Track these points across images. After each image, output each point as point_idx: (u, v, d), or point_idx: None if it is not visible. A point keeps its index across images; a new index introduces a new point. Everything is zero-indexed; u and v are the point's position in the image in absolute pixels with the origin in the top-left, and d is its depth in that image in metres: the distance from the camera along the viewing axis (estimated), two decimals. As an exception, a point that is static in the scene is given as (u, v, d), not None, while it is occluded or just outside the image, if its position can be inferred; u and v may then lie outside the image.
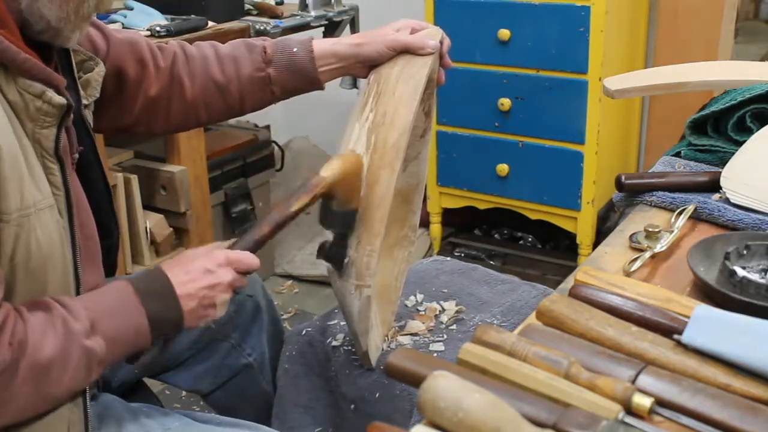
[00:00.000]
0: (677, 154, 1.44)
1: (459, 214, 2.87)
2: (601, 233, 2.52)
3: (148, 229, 2.25)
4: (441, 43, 1.26)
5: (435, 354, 1.29)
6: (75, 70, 1.12)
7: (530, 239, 2.91)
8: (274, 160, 2.89)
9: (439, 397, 0.70)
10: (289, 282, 2.88)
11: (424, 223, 2.64)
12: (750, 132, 1.32)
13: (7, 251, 0.91)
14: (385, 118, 1.16)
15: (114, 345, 0.97)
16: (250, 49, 1.31)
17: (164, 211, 2.31)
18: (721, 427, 0.73)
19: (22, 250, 0.92)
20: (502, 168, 2.60)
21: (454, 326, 1.37)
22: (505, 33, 2.46)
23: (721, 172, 1.23)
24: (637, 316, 0.88)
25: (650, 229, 1.10)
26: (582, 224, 2.55)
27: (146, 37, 1.47)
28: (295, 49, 1.30)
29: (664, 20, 2.53)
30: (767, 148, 1.25)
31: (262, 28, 2.35)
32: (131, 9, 2.29)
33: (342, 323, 1.37)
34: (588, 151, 2.46)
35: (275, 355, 1.45)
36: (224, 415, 1.21)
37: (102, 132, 1.45)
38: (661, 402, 0.76)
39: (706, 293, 0.96)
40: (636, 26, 2.66)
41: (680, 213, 1.15)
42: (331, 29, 2.60)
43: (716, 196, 1.22)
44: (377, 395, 1.26)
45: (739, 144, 1.30)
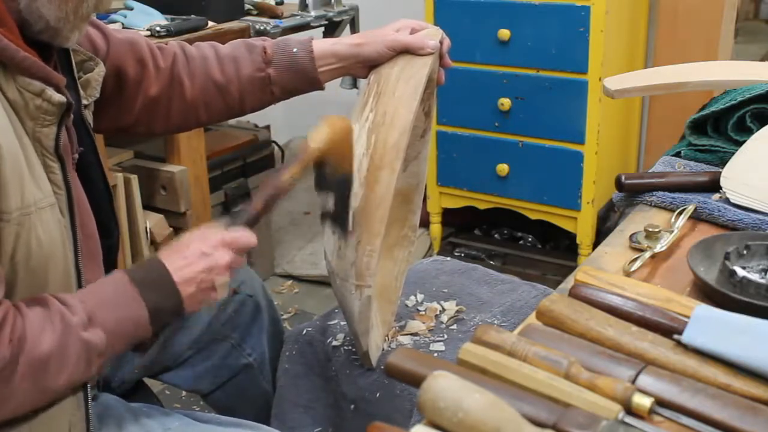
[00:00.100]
0: (677, 154, 1.44)
1: (459, 214, 2.87)
2: (601, 233, 2.52)
3: (148, 229, 2.25)
4: (441, 43, 1.26)
5: (435, 354, 1.29)
6: (75, 70, 1.12)
7: (530, 239, 2.91)
8: (274, 160, 2.89)
9: (439, 397, 0.70)
10: (289, 282, 2.88)
11: (424, 223, 2.63)
12: (750, 132, 1.32)
13: (7, 250, 0.91)
14: (386, 118, 1.16)
15: (114, 336, 0.97)
16: (250, 50, 1.31)
17: (164, 211, 2.31)
18: (721, 427, 0.73)
19: (23, 249, 0.92)
20: (502, 168, 2.60)
21: (454, 326, 1.37)
22: (505, 33, 2.46)
23: (721, 172, 1.23)
24: (637, 316, 0.88)
25: (650, 229, 1.10)
26: (582, 224, 2.55)
27: (146, 37, 1.47)
28: (295, 50, 1.30)
29: (664, 20, 2.52)
30: (767, 148, 1.25)
31: (262, 28, 2.34)
32: (131, 9, 2.29)
33: (342, 323, 1.37)
34: (588, 151, 2.46)
35: (275, 355, 1.45)
36: (224, 415, 1.21)
37: (102, 132, 1.45)
38: (661, 402, 0.76)
39: (706, 293, 0.96)
40: (636, 26, 2.66)
41: (680, 213, 1.15)
42: (331, 29, 2.60)
43: (716, 196, 1.22)
44: (377, 395, 1.26)
45: (739, 144, 1.30)
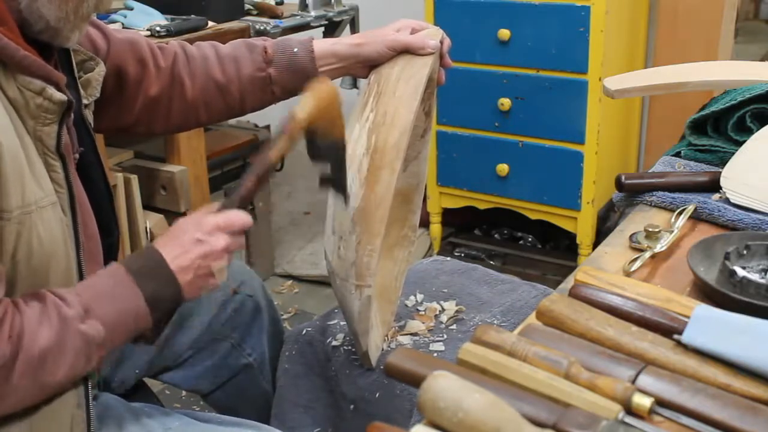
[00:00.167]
0: (677, 154, 1.44)
1: (459, 214, 2.87)
2: (601, 233, 2.52)
3: (148, 229, 2.25)
4: (441, 43, 1.26)
5: (435, 354, 1.29)
6: (75, 69, 1.12)
7: (530, 239, 2.91)
8: (274, 160, 2.89)
9: (439, 397, 0.70)
10: (289, 282, 2.88)
11: (424, 223, 2.63)
12: (750, 132, 1.32)
13: (8, 248, 0.91)
14: (386, 118, 1.16)
15: (113, 327, 0.96)
16: (251, 49, 1.31)
17: (164, 211, 2.31)
18: (721, 427, 0.73)
19: (24, 248, 0.92)
20: (502, 168, 2.60)
21: (454, 326, 1.37)
22: (505, 33, 2.46)
23: (721, 172, 1.23)
24: (637, 316, 0.88)
25: (650, 229, 1.10)
26: (582, 224, 2.55)
27: (146, 37, 1.47)
28: (295, 50, 1.30)
29: (664, 20, 2.52)
30: (767, 148, 1.25)
31: (262, 28, 2.35)
32: (131, 9, 2.29)
33: (342, 323, 1.37)
34: (588, 151, 2.46)
35: (275, 355, 1.45)
36: (224, 415, 1.21)
37: (102, 132, 1.45)
38: (661, 402, 0.76)
39: (706, 293, 0.96)
40: (636, 26, 2.66)
41: (680, 213, 1.15)
42: (331, 29, 2.60)
43: (716, 196, 1.22)
44: (377, 395, 1.26)
45: (739, 144, 1.30)
